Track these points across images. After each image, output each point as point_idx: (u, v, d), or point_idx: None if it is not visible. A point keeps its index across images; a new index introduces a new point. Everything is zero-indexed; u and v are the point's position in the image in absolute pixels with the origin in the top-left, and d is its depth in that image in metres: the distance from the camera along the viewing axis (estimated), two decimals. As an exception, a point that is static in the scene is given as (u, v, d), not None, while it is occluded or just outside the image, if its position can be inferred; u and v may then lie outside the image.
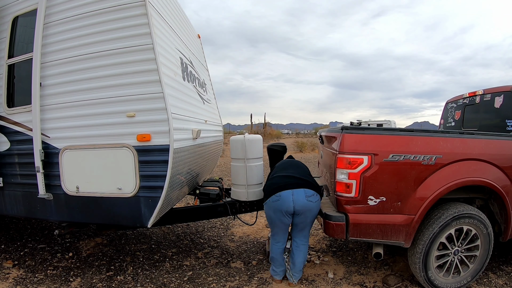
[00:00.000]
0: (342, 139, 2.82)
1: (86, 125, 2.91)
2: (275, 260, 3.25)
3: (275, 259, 3.25)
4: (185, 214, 3.78)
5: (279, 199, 2.98)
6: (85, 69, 2.89)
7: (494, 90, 4.18)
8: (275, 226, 3.14)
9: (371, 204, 2.79)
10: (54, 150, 3.02)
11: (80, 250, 4.05)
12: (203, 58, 5.46)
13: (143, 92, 2.75)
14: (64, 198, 3.05)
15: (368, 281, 3.34)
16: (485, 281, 3.29)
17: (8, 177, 3.34)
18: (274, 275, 3.29)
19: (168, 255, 4.02)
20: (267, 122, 35.06)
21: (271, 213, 3.07)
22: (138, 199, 2.84)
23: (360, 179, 2.75)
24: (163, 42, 2.97)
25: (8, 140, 3.28)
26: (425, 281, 2.97)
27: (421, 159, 2.78)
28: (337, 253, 4.06)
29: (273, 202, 3.01)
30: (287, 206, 2.97)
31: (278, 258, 3.23)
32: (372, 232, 2.83)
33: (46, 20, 3.01)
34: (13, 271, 3.50)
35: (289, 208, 2.98)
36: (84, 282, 3.31)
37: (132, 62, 2.77)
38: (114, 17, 2.79)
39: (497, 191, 2.95)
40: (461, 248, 3.00)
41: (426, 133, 2.92)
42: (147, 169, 2.80)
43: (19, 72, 3.26)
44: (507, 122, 3.90)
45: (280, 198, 2.98)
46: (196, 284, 3.30)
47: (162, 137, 2.74)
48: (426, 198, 2.79)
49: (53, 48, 3.01)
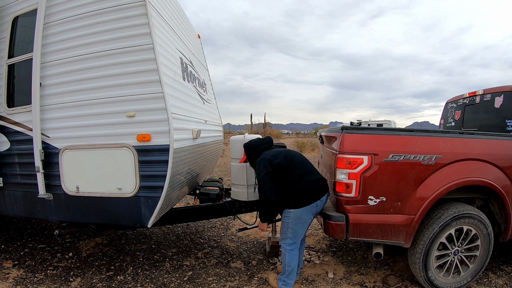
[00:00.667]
0: (342, 139, 2.82)
1: (86, 125, 2.91)
2: (295, 270, 3.05)
3: (295, 269, 3.04)
4: (185, 214, 3.78)
5: (322, 203, 2.95)
6: (85, 69, 2.89)
7: (494, 90, 4.18)
8: (301, 231, 2.98)
9: (371, 204, 2.79)
10: (54, 150, 3.02)
11: (80, 250, 4.05)
12: (203, 58, 5.46)
13: (143, 92, 2.75)
14: (64, 198, 3.05)
15: (368, 281, 3.34)
16: (485, 281, 3.29)
17: (8, 177, 3.34)
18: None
19: (168, 255, 4.02)
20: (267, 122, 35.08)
21: (308, 217, 2.92)
22: (138, 199, 2.84)
23: (360, 179, 2.75)
24: (163, 42, 2.97)
25: (8, 140, 3.28)
26: (425, 281, 2.98)
27: (421, 159, 2.78)
28: (337, 253, 4.06)
29: (316, 206, 2.91)
30: (321, 208, 2.99)
31: (295, 266, 3.04)
32: (372, 232, 2.83)
33: (46, 20, 3.01)
34: (13, 271, 3.50)
35: (320, 209, 3.00)
36: (84, 282, 3.31)
37: (132, 62, 2.77)
38: (114, 17, 2.79)
39: (497, 191, 2.95)
40: (461, 248, 3.00)
41: (426, 133, 2.92)
42: (147, 169, 2.80)
43: (19, 72, 3.26)
44: (507, 122, 3.90)
45: (322, 202, 2.95)
46: (196, 284, 3.30)
47: (162, 137, 2.74)
48: (426, 198, 2.79)
49: (53, 48, 3.01)
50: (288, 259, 2.98)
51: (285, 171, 2.93)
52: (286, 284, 3.04)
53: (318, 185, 2.96)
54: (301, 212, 2.88)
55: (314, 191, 2.91)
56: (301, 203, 2.87)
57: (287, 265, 2.99)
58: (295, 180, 2.92)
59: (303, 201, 2.87)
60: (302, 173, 2.95)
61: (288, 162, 2.96)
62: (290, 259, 2.98)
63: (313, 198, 2.88)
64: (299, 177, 2.92)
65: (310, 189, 2.90)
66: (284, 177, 2.93)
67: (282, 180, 2.94)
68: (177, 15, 3.83)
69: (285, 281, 3.04)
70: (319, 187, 2.96)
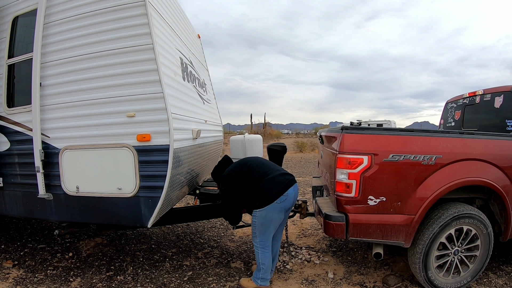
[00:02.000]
0: (342, 139, 2.82)
1: (86, 125, 2.91)
2: (270, 266, 3.14)
3: (268, 266, 3.11)
4: (185, 214, 3.78)
5: (286, 198, 2.98)
6: (85, 69, 2.89)
7: (494, 90, 4.18)
8: (271, 228, 3.04)
9: (371, 204, 2.79)
10: (54, 150, 3.01)
11: (80, 250, 4.05)
12: (203, 58, 5.45)
13: (143, 92, 2.74)
14: (64, 198, 3.05)
15: (368, 281, 3.34)
16: (485, 281, 3.29)
17: (8, 177, 3.34)
18: (265, 284, 3.15)
19: (168, 255, 4.02)
20: (267, 122, 35.06)
21: (275, 215, 2.98)
22: (138, 199, 2.83)
23: (360, 179, 2.75)
24: (163, 42, 2.97)
25: (8, 140, 3.28)
26: (425, 281, 2.97)
27: (421, 159, 2.78)
28: (337, 253, 4.06)
29: (281, 202, 2.96)
30: (290, 202, 3.03)
31: (269, 263, 3.13)
32: (372, 232, 2.83)
33: (46, 20, 3.01)
34: (13, 271, 3.50)
35: (290, 204, 3.04)
36: (84, 282, 3.31)
37: (132, 62, 2.76)
38: (114, 17, 2.79)
39: (497, 191, 2.94)
40: (461, 248, 3.00)
41: (426, 133, 2.92)
42: (147, 169, 2.79)
43: (19, 72, 3.26)
44: (507, 122, 3.90)
45: (288, 196, 2.99)
46: (196, 284, 3.30)
47: (162, 137, 2.73)
48: (426, 198, 2.78)
49: (53, 48, 3.00)
50: (261, 256, 3.08)
51: (245, 179, 3.10)
52: (265, 280, 3.14)
53: (277, 181, 3.02)
54: (265, 212, 2.97)
55: (274, 188, 2.98)
56: (263, 202, 2.96)
57: (261, 263, 3.10)
58: (254, 183, 3.05)
59: (265, 200, 2.96)
60: (260, 175, 3.07)
61: (245, 170, 3.13)
62: (263, 257, 3.07)
63: (274, 196, 2.96)
64: (258, 179, 3.05)
65: (269, 187, 2.99)
66: (246, 184, 3.09)
67: (245, 186, 3.09)
68: (177, 15, 3.83)
69: (264, 278, 3.13)
70: (279, 183, 3.01)
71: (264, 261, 3.08)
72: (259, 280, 3.13)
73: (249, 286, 3.17)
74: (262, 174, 3.08)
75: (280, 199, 2.95)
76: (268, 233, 3.05)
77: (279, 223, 3.09)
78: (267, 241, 3.07)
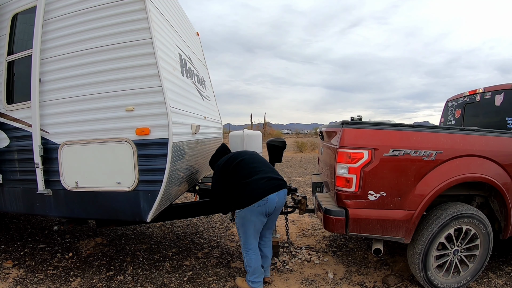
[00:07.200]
0: (343, 133, 2.80)
1: (85, 120, 2.91)
2: (258, 269, 3.08)
3: (257, 268, 3.07)
4: (185, 210, 3.76)
5: (266, 203, 2.90)
6: (84, 64, 2.89)
7: (495, 88, 4.17)
8: (251, 231, 2.99)
9: (371, 199, 2.77)
10: (54, 146, 3.01)
11: (80, 250, 4.03)
12: (202, 56, 5.47)
13: (142, 86, 2.75)
14: (63, 193, 3.03)
15: (368, 281, 3.31)
16: (485, 281, 3.25)
17: (7, 174, 3.34)
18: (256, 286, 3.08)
19: (168, 255, 3.99)
20: (267, 122, 34.96)
21: (254, 217, 2.93)
22: (137, 193, 2.82)
23: (360, 173, 2.73)
24: (162, 37, 2.98)
25: (8, 136, 3.28)
26: (424, 281, 2.95)
27: (421, 155, 2.76)
28: (337, 253, 4.03)
29: (259, 206, 2.90)
30: (271, 207, 2.95)
31: (259, 265, 3.09)
32: (372, 227, 2.81)
33: (46, 17, 3.02)
34: (13, 271, 3.49)
35: (271, 209, 2.96)
36: (84, 282, 3.29)
37: (131, 56, 2.77)
38: (113, 13, 2.80)
39: (498, 188, 2.92)
40: (461, 248, 2.97)
41: (427, 129, 2.90)
42: (146, 163, 2.78)
43: (18, 69, 3.27)
44: (508, 120, 3.88)
45: (267, 201, 2.91)
46: (196, 284, 3.28)
47: (161, 131, 2.73)
48: (426, 194, 2.76)
49: (52, 44, 3.01)
50: (246, 259, 3.06)
51: (232, 171, 3.07)
52: (254, 283, 3.07)
53: (260, 185, 2.94)
54: (244, 212, 2.94)
55: (255, 191, 2.91)
56: (243, 203, 2.93)
57: (247, 265, 3.07)
58: (239, 179, 3.02)
59: (244, 201, 2.92)
60: (246, 173, 3.02)
61: (234, 163, 3.09)
62: (248, 260, 3.04)
63: (253, 199, 2.89)
64: (243, 176, 3.01)
65: (251, 189, 2.94)
66: (232, 177, 3.06)
67: (231, 179, 3.07)
68: (176, 12, 3.85)
69: (252, 281, 3.07)
70: (261, 187, 2.93)
71: (250, 264, 3.04)
72: (249, 282, 3.08)
73: (243, 286, 3.14)
74: (249, 172, 3.03)
75: (258, 203, 2.88)
76: (249, 235, 3.00)
77: (260, 226, 3.02)
78: (250, 244, 3.02)
